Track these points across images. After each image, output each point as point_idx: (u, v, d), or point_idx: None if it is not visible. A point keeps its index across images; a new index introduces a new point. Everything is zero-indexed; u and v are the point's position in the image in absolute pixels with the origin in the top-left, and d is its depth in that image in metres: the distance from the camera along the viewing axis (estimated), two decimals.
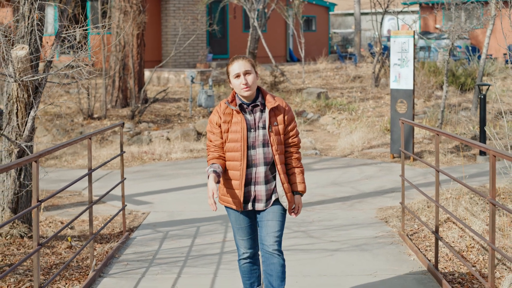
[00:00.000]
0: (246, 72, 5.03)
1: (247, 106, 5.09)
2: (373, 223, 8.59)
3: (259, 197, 5.09)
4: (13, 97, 7.59)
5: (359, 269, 6.72)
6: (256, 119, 5.07)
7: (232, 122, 5.05)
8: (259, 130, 5.06)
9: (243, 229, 5.21)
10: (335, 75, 25.14)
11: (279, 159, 5.06)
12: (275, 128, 5.07)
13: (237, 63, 5.06)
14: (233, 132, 5.04)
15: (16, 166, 4.99)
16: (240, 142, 5.02)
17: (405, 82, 12.64)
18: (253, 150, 5.05)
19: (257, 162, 5.05)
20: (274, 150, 5.04)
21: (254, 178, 5.07)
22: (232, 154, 5.05)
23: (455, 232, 7.84)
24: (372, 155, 13.37)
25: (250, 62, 5.10)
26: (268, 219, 5.10)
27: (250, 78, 5.03)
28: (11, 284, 6.34)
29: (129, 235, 8.09)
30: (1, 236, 7.61)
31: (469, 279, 6.49)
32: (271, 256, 5.09)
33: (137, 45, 18.02)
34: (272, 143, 5.04)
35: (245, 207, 5.11)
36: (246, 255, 5.29)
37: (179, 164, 12.90)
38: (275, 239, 5.09)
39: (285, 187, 5.08)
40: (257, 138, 5.05)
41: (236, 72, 5.03)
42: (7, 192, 7.70)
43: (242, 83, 5.01)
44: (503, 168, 10.14)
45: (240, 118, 5.04)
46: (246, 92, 5.02)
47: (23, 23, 7.58)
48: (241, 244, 5.28)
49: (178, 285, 6.33)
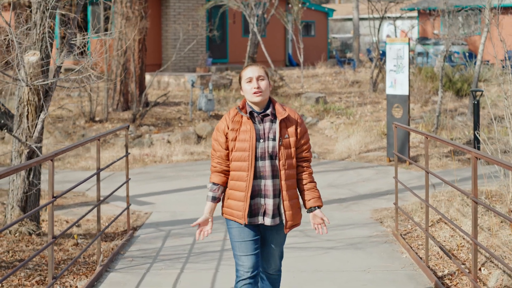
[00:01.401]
0: (259, 77, 4.86)
1: (257, 115, 4.86)
2: (368, 223, 8.92)
3: (268, 211, 4.84)
4: (24, 100, 7.93)
5: (353, 266, 7.05)
6: (266, 129, 4.84)
7: (240, 130, 4.83)
8: (269, 141, 4.82)
9: (247, 243, 4.88)
10: (334, 80, 25.49)
11: (285, 175, 4.82)
12: (286, 140, 4.85)
13: (251, 68, 4.91)
14: (241, 141, 4.81)
15: (34, 164, 5.33)
16: (248, 152, 4.79)
17: (401, 87, 12.98)
18: (262, 162, 4.81)
19: (266, 174, 4.81)
20: (281, 165, 4.81)
21: (263, 191, 4.84)
22: (239, 164, 4.82)
23: (446, 232, 8.17)
24: (369, 159, 13.70)
25: (264, 69, 4.95)
26: (273, 246, 4.98)
27: (263, 84, 4.84)
28: (21, 278, 6.66)
29: (133, 233, 8.42)
30: (10, 233, 7.94)
31: (458, 275, 6.81)
32: (270, 276, 5.10)
33: (139, 50, 18.37)
34: (281, 157, 4.81)
35: (254, 220, 4.86)
36: (247, 275, 4.87)
37: (180, 166, 13.24)
38: (278, 263, 5.06)
39: (285, 204, 4.83)
40: (266, 150, 4.81)
41: (249, 76, 4.86)
42: (17, 191, 8.03)
43: (254, 87, 4.82)
44: (494, 172, 10.46)
45: (250, 127, 4.81)
46: (257, 98, 4.80)
47: (35, 30, 7.92)
48: (243, 261, 4.89)
49: (181, 279, 6.66)
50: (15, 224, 7.58)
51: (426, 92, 19.60)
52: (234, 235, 4.90)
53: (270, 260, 5.02)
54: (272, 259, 5.02)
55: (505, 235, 7.72)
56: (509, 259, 6.97)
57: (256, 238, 4.90)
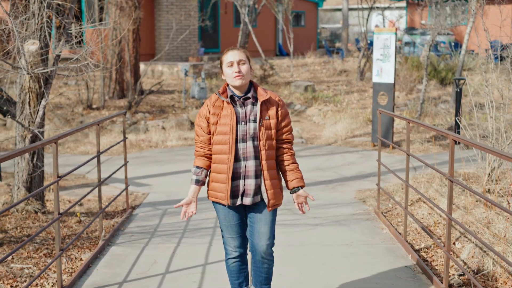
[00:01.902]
0: (240, 61, 4.90)
1: (238, 99, 4.93)
2: (352, 203, 9.50)
3: (248, 191, 4.94)
4: (26, 88, 8.43)
5: (337, 240, 7.63)
6: (247, 112, 4.92)
7: (221, 115, 4.91)
8: (250, 123, 4.90)
9: (233, 227, 5.07)
10: (323, 69, 26.03)
11: (266, 155, 4.92)
12: (266, 122, 4.93)
13: (232, 52, 4.94)
14: (222, 125, 4.89)
15: (39, 146, 5.84)
16: (228, 135, 4.87)
17: (387, 76, 13.53)
18: (243, 144, 4.90)
19: (247, 155, 4.90)
20: (262, 145, 4.90)
21: (244, 172, 4.92)
22: (220, 147, 4.91)
23: (425, 210, 8.75)
24: (355, 144, 14.28)
25: (245, 53, 4.97)
26: (261, 225, 5.01)
27: (244, 68, 4.89)
28: (30, 251, 7.19)
29: (132, 212, 8.97)
30: (18, 211, 8.47)
31: (434, 249, 7.39)
32: (262, 260, 5.11)
33: (133, 40, 18.86)
34: (261, 137, 4.90)
35: (234, 202, 4.98)
36: (234, 254, 5.14)
37: (175, 151, 13.79)
38: (268, 245, 5.05)
39: (267, 184, 4.93)
40: (248, 132, 4.89)
41: (230, 60, 4.91)
42: (22, 173, 8.55)
43: (234, 71, 4.87)
44: (472, 156, 11.04)
45: (230, 111, 4.89)
46: (238, 81, 4.86)
47: (33, 20, 8.41)
48: (230, 243, 5.12)
49: (178, 252, 7.21)
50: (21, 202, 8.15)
51: (412, 81, 20.17)
52: (220, 218, 5.07)
53: (259, 237, 5.01)
54: (261, 236, 5.00)
55: (479, 212, 8.28)
56: (482, 234, 7.53)
57: (242, 221, 5.07)
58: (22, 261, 6.93)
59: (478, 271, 6.58)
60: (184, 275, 6.45)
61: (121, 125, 15.77)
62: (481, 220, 7.98)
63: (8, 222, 8.20)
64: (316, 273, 6.50)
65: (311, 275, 6.45)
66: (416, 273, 6.54)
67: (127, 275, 6.51)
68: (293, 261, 6.87)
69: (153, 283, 6.27)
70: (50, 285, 6.32)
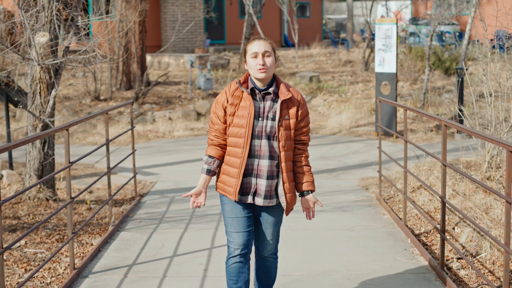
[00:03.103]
0: (266, 53, 4.68)
1: (258, 92, 4.71)
2: (354, 190, 9.73)
3: (259, 192, 4.75)
4: (37, 78, 8.68)
5: (339, 225, 7.86)
6: (266, 107, 4.70)
7: (239, 106, 4.69)
8: (268, 120, 4.68)
9: (239, 220, 4.81)
10: (328, 60, 26.22)
11: (285, 156, 4.71)
12: (286, 122, 4.71)
13: (257, 42, 4.71)
14: (239, 117, 4.68)
15: (52, 133, 6.08)
16: (245, 129, 4.66)
17: (389, 66, 13.74)
18: (258, 140, 4.68)
19: (261, 154, 4.69)
20: (281, 146, 4.68)
21: (256, 170, 4.72)
22: (235, 140, 4.70)
23: (425, 196, 8.96)
24: (359, 133, 14.51)
25: (271, 44, 4.76)
26: (267, 226, 4.90)
27: (269, 60, 4.67)
28: (42, 237, 7.45)
29: (140, 200, 9.22)
30: (29, 199, 8.73)
31: (433, 233, 7.62)
32: (266, 259, 5.04)
33: (139, 32, 19.09)
34: (280, 138, 4.68)
35: (244, 199, 4.78)
36: (237, 252, 4.82)
37: (181, 141, 14.04)
38: (273, 245, 4.98)
39: (286, 187, 4.73)
40: (264, 129, 4.67)
41: (254, 50, 4.68)
42: (33, 161, 8.80)
43: (259, 63, 4.64)
44: (473, 145, 11.26)
45: (249, 103, 4.67)
46: (261, 74, 4.64)
47: (43, 13, 8.66)
48: (234, 238, 4.83)
49: (185, 237, 7.46)
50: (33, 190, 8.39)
51: (416, 71, 20.35)
52: (226, 211, 4.84)
53: (265, 241, 4.92)
54: (266, 241, 4.92)
55: (478, 198, 8.50)
56: (480, 219, 7.75)
57: (249, 216, 4.82)
58: (35, 246, 7.19)
59: (476, 254, 6.79)
60: (191, 258, 6.70)
61: (128, 116, 16.02)
62: (480, 206, 8.20)
63: (21, 209, 8.46)
64: (318, 256, 6.74)
65: (313, 257, 6.69)
66: (414, 255, 6.77)
67: (136, 258, 6.77)
68: (297, 245, 7.11)
69: (161, 265, 6.52)
70: (63, 269, 6.58)
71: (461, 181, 9.28)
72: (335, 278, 6.13)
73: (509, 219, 4.63)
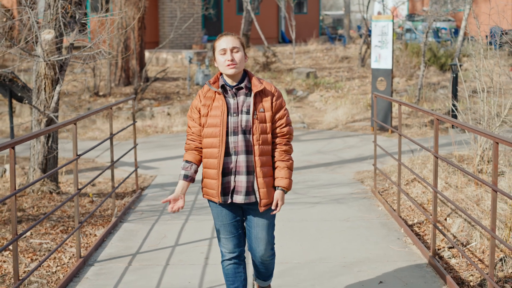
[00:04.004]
0: (234, 48, 4.64)
1: (230, 89, 4.69)
2: (350, 183, 9.98)
3: (239, 189, 4.68)
4: (42, 74, 8.92)
5: (335, 216, 8.12)
6: (240, 103, 4.67)
7: (212, 106, 4.67)
8: (242, 115, 4.64)
9: (226, 226, 4.80)
10: (325, 56, 26.47)
11: (259, 150, 4.64)
12: (261, 114, 4.66)
13: (225, 38, 4.68)
14: (212, 117, 4.65)
15: (60, 127, 6.32)
16: (219, 127, 4.62)
17: (385, 62, 13.99)
18: (234, 137, 4.64)
19: (238, 150, 4.64)
20: (255, 140, 4.63)
21: (234, 168, 4.66)
22: (210, 141, 4.66)
23: (419, 189, 9.22)
24: (355, 128, 14.77)
25: (239, 39, 4.71)
26: (259, 231, 4.81)
27: (238, 56, 4.64)
28: (47, 228, 7.70)
29: (141, 192, 9.47)
30: (34, 192, 8.97)
31: (426, 224, 7.88)
32: (262, 262, 4.96)
33: (138, 28, 19.32)
34: (255, 131, 4.63)
35: (225, 199, 4.72)
36: (230, 256, 4.87)
37: (180, 136, 14.29)
38: (266, 250, 4.88)
39: (259, 182, 4.66)
40: (240, 124, 4.63)
41: (222, 47, 4.64)
42: (37, 155, 9.04)
43: (227, 59, 4.61)
44: (467, 139, 11.52)
45: (221, 102, 4.65)
46: (231, 70, 4.61)
47: (49, 11, 8.90)
48: (224, 244, 4.85)
49: (186, 227, 7.72)
50: (37, 183, 8.64)
51: (411, 67, 20.60)
52: (214, 216, 4.83)
53: (257, 242, 4.84)
54: (259, 242, 4.83)
55: (470, 191, 8.76)
56: (471, 210, 8.01)
57: (236, 220, 4.80)
58: (41, 237, 7.43)
59: (467, 243, 7.05)
60: (192, 247, 6.96)
61: (127, 112, 16.26)
62: (472, 198, 8.46)
63: (25, 202, 8.70)
64: (314, 245, 7.00)
65: (310, 246, 6.95)
66: (407, 244, 7.04)
67: (139, 247, 7.02)
68: (294, 235, 7.36)
69: (164, 254, 6.77)
70: (67, 258, 6.82)
71: (454, 174, 9.53)
72: (330, 265, 6.39)
73: (495, 207, 4.89)
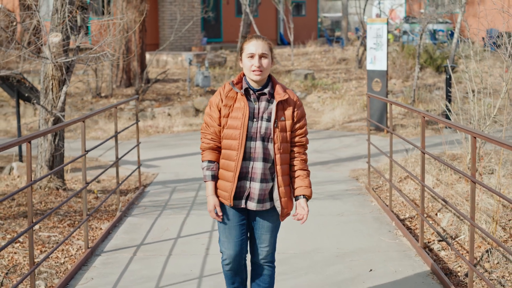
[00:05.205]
0: (263, 54, 4.53)
1: (253, 92, 4.58)
2: (345, 180, 10.35)
3: (252, 195, 4.59)
4: (49, 75, 9.28)
5: (330, 211, 8.49)
6: (261, 108, 4.56)
7: (234, 107, 4.56)
8: (262, 121, 4.54)
9: (231, 228, 4.68)
10: (323, 58, 26.84)
11: (280, 159, 4.55)
12: (282, 123, 4.56)
13: (255, 42, 4.55)
14: (233, 118, 4.54)
15: (70, 125, 6.69)
16: (239, 130, 4.52)
17: (380, 63, 14.37)
18: (252, 142, 4.55)
19: (255, 156, 4.55)
20: (276, 149, 4.54)
21: (250, 173, 4.58)
22: (229, 142, 4.57)
23: (411, 185, 9.59)
24: (351, 128, 15.14)
25: (269, 45, 4.59)
26: (263, 232, 4.74)
27: (265, 62, 4.53)
28: (55, 222, 8.06)
29: (144, 189, 9.84)
30: (41, 188, 9.33)
31: (417, 218, 8.24)
32: (261, 267, 4.88)
33: (139, 31, 19.70)
34: (276, 140, 4.53)
35: (238, 203, 4.64)
36: (228, 261, 4.75)
37: (181, 136, 14.67)
38: (269, 252, 4.82)
39: (281, 191, 4.58)
40: (258, 130, 4.53)
41: (251, 51, 4.53)
42: (45, 153, 9.40)
43: (254, 65, 4.51)
44: (459, 139, 11.87)
45: (244, 104, 4.54)
46: (257, 77, 4.52)
47: (56, 15, 9.26)
48: (225, 246, 4.72)
49: (187, 221, 8.08)
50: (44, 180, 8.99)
51: (408, 69, 20.98)
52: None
53: (259, 247, 4.78)
54: (261, 247, 4.78)
55: (460, 187, 9.12)
56: (461, 205, 8.36)
57: (242, 223, 4.69)
58: (49, 230, 7.79)
59: (456, 237, 7.41)
60: (193, 239, 7.33)
61: (129, 113, 16.63)
62: (462, 194, 8.82)
63: (33, 197, 9.06)
64: (310, 237, 7.37)
65: (306, 238, 7.32)
66: (398, 236, 7.41)
67: (143, 239, 7.39)
68: (290, 228, 7.71)
69: (167, 245, 7.14)
70: (75, 250, 7.18)
71: (445, 171, 9.90)
72: (325, 255, 6.76)
73: (474, 197, 5.26)
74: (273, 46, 4.69)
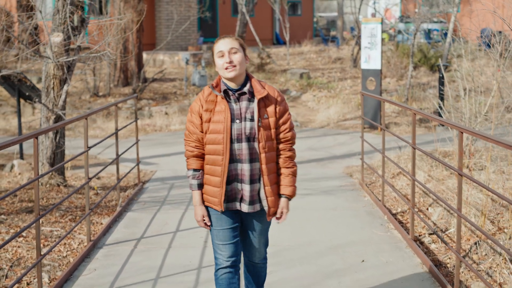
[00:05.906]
0: (232, 50, 4.45)
1: (232, 93, 4.49)
2: (340, 176, 10.60)
3: (244, 197, 4.55)
4: (51, 74, 9.51)
5: (324, 205, 8.73)
6: (243, 108, 4.48)
7: (215, 111, 4.47)
8: (246, 122, 4.46)
9: (224, 232, 4.60)
10: (318, 57, 27.10)
11: (266, 158, 4.48)
12: (265, 121, 4.49)
13: (222, 40, 4.49)
14: (215, 122, 4.46)
15: (73, 122, 6.92)
16: (222, 134, 4.44)
17: (374, 62, 14.62)
18: (238, 144, 4.46)
19: (242, 157, 4.48)
20: (261, 148, 4.47)
21: (240, 175, 4.52)
22: (213, 147, 4.48)
23: (404, 181, 9.84)
24: (346, 126, 15.40)
25: (238, 41, 4.52)
26: (255, 235, 4.74)
27: (237, 57, 4.45)
28: (57, 217, 8.29)
29: (142, 186, 10.08)
30: (42, 185, 9.56)
31: (409, 213, 8.48)
32: (256, 265, 4.92)
33: (137, 31, 19.92)
34: (260, 139, 4.46)
35: (231, 206, 4.59)
36: (227, 263, 4.64)
37: (178, 134, 14.91)
38: (262, 251, 4.85)
39: (267, 190, 4.52)
40: (243, 131, 4.46)
41: (220, 49, 4.46)
42: (46, 150, 9.63)
43: (226, 62, 4.43)
44: (451, 137, 12.12)
45: (224, 106, 4.45)
46: (230, 73, 4.42)
47: (58, 15, 9.49)
48: (221, 250, 4.64)
49: (186, 216, 8.32)
50: (45, 176, 9.21)
51: (402, 68, 21.24)
52: (212, 221, 4.64)
53: (253, 248, 4.80)
54: (255, 248, 4.80)
55: (451, 183, 9.37)
56: (451, 200, 8.61)
57: (235, 226, 4.64)
58: (51, 225, 8.02)
59: (446, 230, 7.65)
60: (192, 233, 7.57)
61: (126, 112, 16.87)
62: (453, 190, 9.07)
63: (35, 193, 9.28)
64: (304, 230, 7.62)
65: (300, 231, 7.56)
66: (389, 229, 7.66)
67: (143, 233, 7.63)
68: (285, 222, 7.94)
69: (166, 239, 7.38)
70: (77, 244, 7.41)
71: (437, 168, 10.15)
72: (318, 247, 7.01)
73: (461, 189, 5.51)
74: (244, 43, 4.60)
